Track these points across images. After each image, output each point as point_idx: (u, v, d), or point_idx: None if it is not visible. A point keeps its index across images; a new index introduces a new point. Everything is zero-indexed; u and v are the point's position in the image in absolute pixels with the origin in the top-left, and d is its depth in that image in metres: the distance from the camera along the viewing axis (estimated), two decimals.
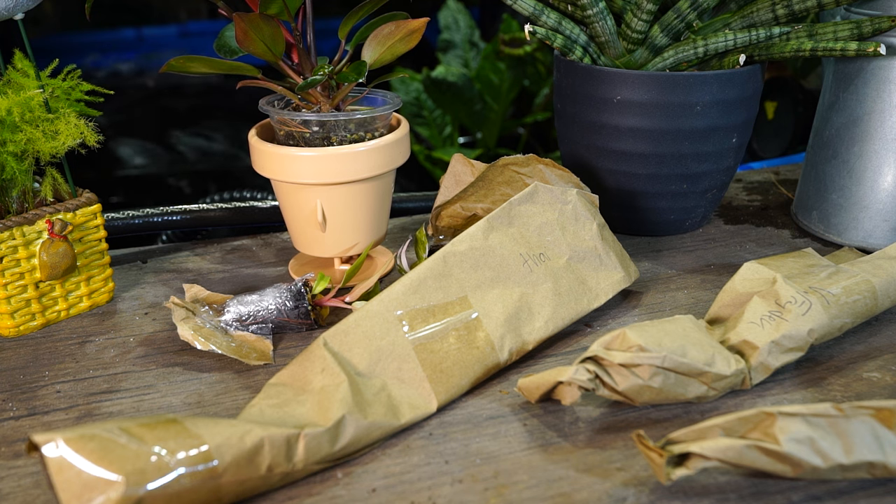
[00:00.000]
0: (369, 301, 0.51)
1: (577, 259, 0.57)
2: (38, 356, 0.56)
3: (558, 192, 0.58)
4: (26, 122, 0.56)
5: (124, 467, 0.38)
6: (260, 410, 0.46)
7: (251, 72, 0.60)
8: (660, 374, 0.46)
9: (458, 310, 0.52)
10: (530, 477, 0.44)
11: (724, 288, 0.55)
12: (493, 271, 0.54)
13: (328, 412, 0.45)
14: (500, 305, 0.53)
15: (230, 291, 0.65)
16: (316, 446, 0.43)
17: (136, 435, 0.40)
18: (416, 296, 0.51)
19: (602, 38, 0.67)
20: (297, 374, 0.48)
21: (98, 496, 0.38)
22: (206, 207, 0.79)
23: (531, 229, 0.56)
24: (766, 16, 0.65)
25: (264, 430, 0.42)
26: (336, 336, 0.50)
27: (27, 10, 0.56)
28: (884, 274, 0.55)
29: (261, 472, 0.42)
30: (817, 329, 0.51)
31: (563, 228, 0.57)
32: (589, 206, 0.59)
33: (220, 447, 0.41)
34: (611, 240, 0.60)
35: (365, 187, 0.61)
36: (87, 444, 0.38)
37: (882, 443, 0.41)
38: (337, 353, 0.49)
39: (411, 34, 0.61)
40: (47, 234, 0.57)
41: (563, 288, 0.56)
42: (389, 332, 0.50)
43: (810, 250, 0.61)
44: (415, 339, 0.50)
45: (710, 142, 0.68)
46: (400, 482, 0.44)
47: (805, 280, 0.54)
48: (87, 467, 0.38)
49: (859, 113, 0.68)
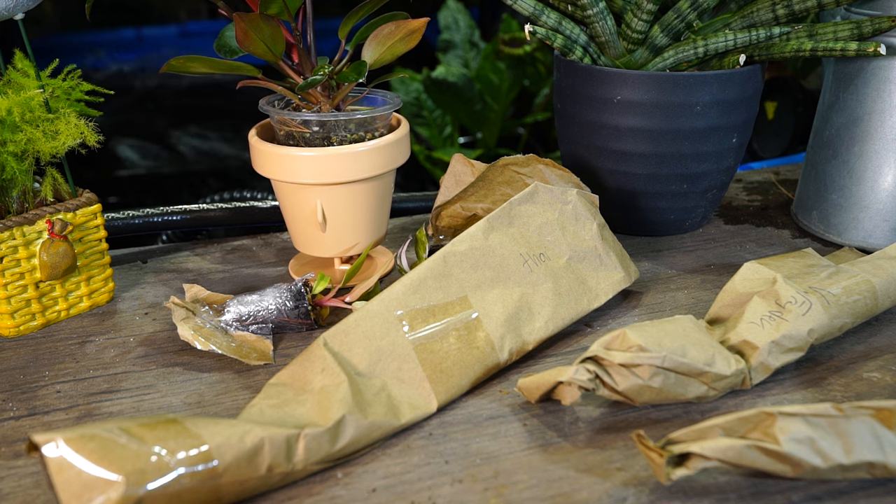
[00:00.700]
0: (369, 301, 0.51)
1: (577, 259, 0.57)
2: (38, 356, 0.56)
3: (558, 192, 0.58)
4: (26, 122, 0.56)
5: (124, 467, 0.38)
6: (260, 410, 0.46)
7: (251, 72, 0.60)
8: (660, 374, 0.46)
9: (459, 310, 0.52)
10: (530, 477, 0.44)
11: (724, 288, 0.55)
12: (493, 271, 0.54)
13: (328, 412, 0.45)
14: (500, 305, 0.53)
15: (230, 291, 0.65)
16: (316, 446, 0.43)
17: (136, 435, 0.40)
18: (416, 296, 0.51)
19: (602, 38, 0.67)
20: (297, 374, 0.48)
21: (98, 496, 0.38)
22: (206, 207, 0.79)
23: (531, 229, 0.56)
24: (766, 16, 0.65)
25: (264, 430, 0.42)
26: (336, 336, 0.50)
27: (27, 10, 0.56)
28: (884, 274, 0.55)
29: (261, 473, 0.42)
30: (817, 329, 0.51)
31: (564, 228, 0.57)
32: (589, 206, 0.59)
33: (220, 447, 0.41)
34: (611, 240, 0.60)
35: (365, 187, 0.61)
36: (87, 444, 0.38)
37: (882, 443, 0.41)
38: (337, 353, 0.49)
39: (411, 34, 0.61)
40: (47, 234, 0.57)
41: (563, 288, 0.56)
42: (389, 332, 0.50)
43: (810, 250, 0.61)
44: (415, 339, 0.50)
45: (711, 142, 0.68)
46: (400, 482, 0.44)
47: (805, 280, 0.54)
48: (87, 467, 0.38)
49: (859, 113, 0.68)
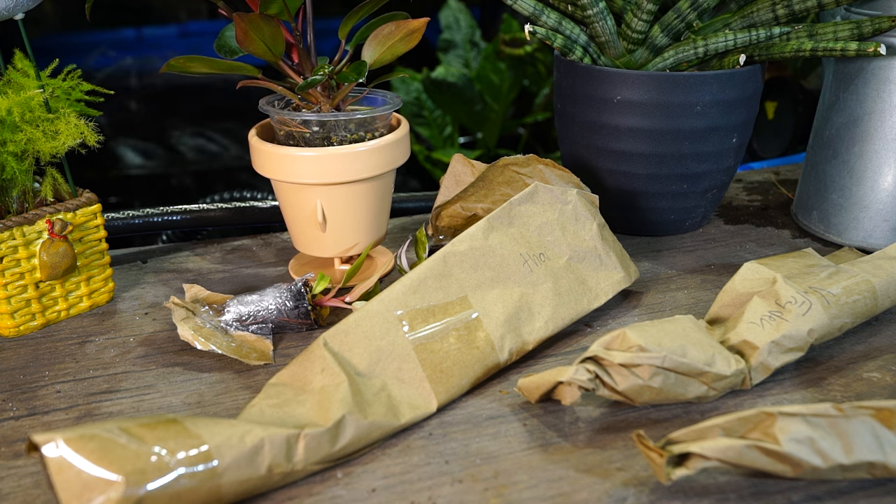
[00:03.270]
0: (369, 301, 0.51)
1: (577, 259, 0.57)
2: (38, 356, 0.56)
3: (558, 192, 0.58)
4: (26, 122, 0.56)
5: (124, 467, 0.38)
6: (260, 410, 0.46)
7: (251, 72, 0.60)
8: (660, 374, 0.46)
9: (459, 310, 0.52)
10: (530, 477, 0.44)
11: (724, 288, 0.55)
12: (493, 271, 0.54)
13: (328, 412, 0.45)
14: (500, 305, 0.53)
15: (230, 291, 0.65)
16: (316, 446, 0.43)
17: (136, 435, 0.40)
18: (416, 296, 0.51)
19: (602, 38, 0.67)
20: (297, 374, 0.48)
21: (98, 496, 0.38)
22: (206, 207, 0.79)
23: (531, 229, 0.56)
24: (766, 16, 0.65)
25: (264, 431, 0.42)
26: (336, 336, 0.50)
27: (27, 9, 0.56)
28: (884, 274, 0.55)
29: (261, 473, 0.42)
30: (817, 329, 0.51)
31: (564, 228, 0.57)
32: (589, 206, 0.59)
33: (220, 447, 0.41)
34: (611, 240, 0.60)
35: (365, 187, 0.61)
36: (87, 444, 0.38)
37: (882, 443, 0.41)
38: (337, 353, 0.49)
39: (411, 34, 0.61)
40: (47, 234, 0.57)
41: (564, 288, 0.56)
42: (389, 332, 0.50)
43: (810, 250, 0.61)
44: (415, 339, 0.50)
45: (711, 142, 0.68)
46: (400, 482, 0.44)
47: (805, 280, 0.54)
48: (87, 467, 0.38)
49: (859, 113, 0.68)
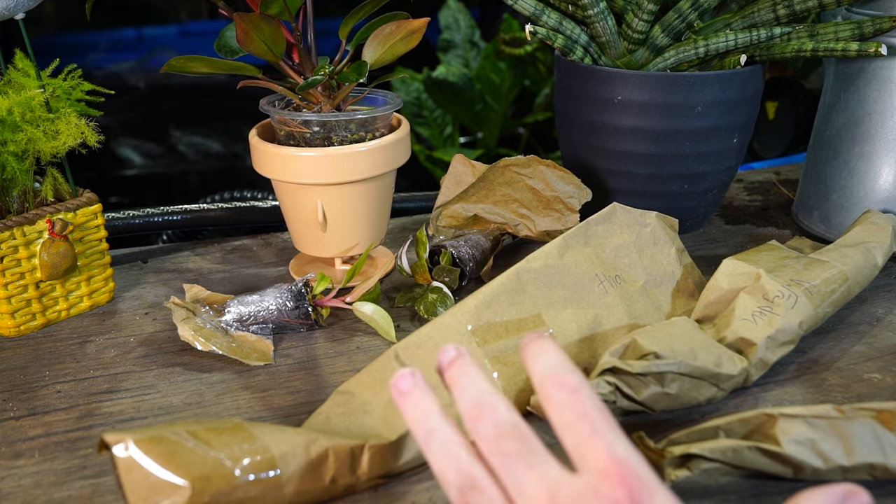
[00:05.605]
0: (441, 315, 0.50)
1: (653, 284, 0.56)
2: (38, 356, 0.56)
3: (637, 215, 0.57)
4: (27, 122, 0.56)
5: (191, 472, 0.38)
6: (326, 418, 0.45)
7: (252, 72, 0.60)
8: (676, 379, 0.47)
9: (532, 327, 0.51)
10: None
11: (707, 286, 0.55)
12: (567, 290, 0.52)
13: (395, 425, 0.44)
14: (574, 325, 0.52)
15: (231, 291, 0.65)
16: (380, 460, 0.43)
17: (203, 439, 0.39)
18: (488, 311, 0.50)
19: (603, 38, 0.67)
20: (366, 384, 0.47)
21: (164, 500, 0.38)
22: (206, 207, 0.79)
23: (607, 250, 0.55)
24: (767, 16, 0.65)
25: (329, 441, 0.41)
26: (407, 349, 0.48)
27: (28, 9, 0.56)
28: (851, 262, 0.57)
29: (324, 484, 0.41)
30: (806, 321, 0.52)
31: (641, 251, 0.56)
32: (668, 229, 0.58)
33: (284, 456, 0.40)
34: (689, 266, 0.58)
35: (365, 187, 0.61)
36: (155, 447, 0.38)
37: (883, 444, 0.41)
38: (407, 366, 0.48)
39: (412, 34, 0.61)
40: (48, 233, 0.57)
41: (638, 312, 0.54)
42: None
43: (775, 242, 0.61)
44: (486, 352, 0.49)
45: (711, 142, 0.67)
46: (400, 482, 0.44)
47: (784, 273, 0.54)
48: (156, 470, 0.38)
49: (860, 113, 0.68)
